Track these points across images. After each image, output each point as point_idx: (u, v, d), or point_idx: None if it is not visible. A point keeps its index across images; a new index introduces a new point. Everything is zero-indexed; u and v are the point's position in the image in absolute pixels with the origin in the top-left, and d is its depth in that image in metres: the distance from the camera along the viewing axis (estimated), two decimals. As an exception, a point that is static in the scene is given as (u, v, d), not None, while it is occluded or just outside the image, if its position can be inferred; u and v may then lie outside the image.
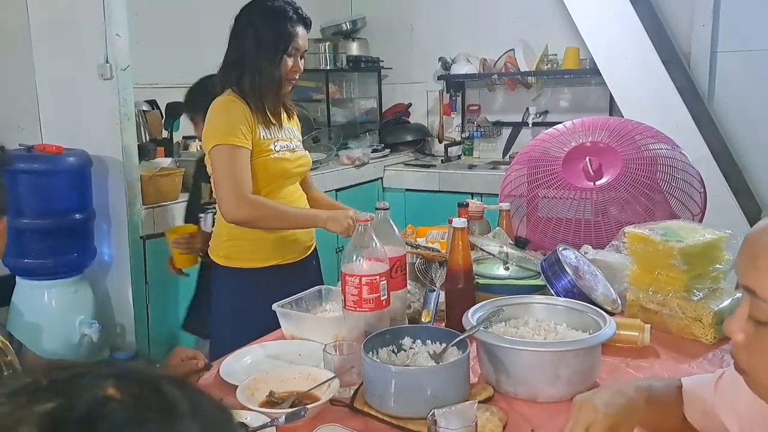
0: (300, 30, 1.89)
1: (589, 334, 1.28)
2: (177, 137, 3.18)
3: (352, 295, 1.34)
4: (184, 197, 2.61)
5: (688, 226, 1.63)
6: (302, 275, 2.00)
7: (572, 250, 1.64)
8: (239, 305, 1.96)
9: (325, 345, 1.32)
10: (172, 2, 3.29)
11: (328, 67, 3.93)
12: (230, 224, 1.86)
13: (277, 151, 1.92)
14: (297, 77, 1.94)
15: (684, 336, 1.47)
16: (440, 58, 3.96)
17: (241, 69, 1.89)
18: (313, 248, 2.06)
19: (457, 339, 1.23)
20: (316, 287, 1.68)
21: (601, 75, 3.47)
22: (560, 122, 3.69)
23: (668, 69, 3.06)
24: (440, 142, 4.01)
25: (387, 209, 1.45)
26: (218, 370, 1.37)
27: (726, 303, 1.48)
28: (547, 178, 2.02)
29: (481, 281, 1.60)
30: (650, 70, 2.94)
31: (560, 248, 1.61)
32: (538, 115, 3.80)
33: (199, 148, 2.90)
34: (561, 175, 1.99)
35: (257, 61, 1.87)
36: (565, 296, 1.50)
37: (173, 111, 3.06)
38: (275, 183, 1.92)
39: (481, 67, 3.83)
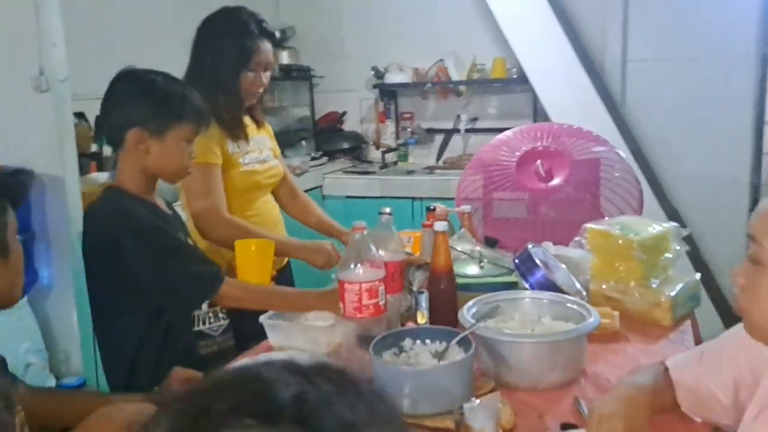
0: (263, 44, 1.89)
1: (574, 323, 1.41)
2: (106, 151, 3.10)
3: (352, 302, 1.40)
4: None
5: (638, 220, 1.80)
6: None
7: (539, 247, 1.77)
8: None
9: (327, 353, 1.37)
10: (101, 10, 3.22)
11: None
12: (204, 240, 1.86)
13: (246, 164, 1.94)
14: (261, 91, 1.94)
15: (645, 320, 1.63)
16: (373, 67, 4.06)
17: (203, 83, 1.87)
18: (285, 262, 2.08)
19: (459, 336, 1.31)
20: (300, 296, 1.72)
21: (526, 83, 3.70)
22: (489, 128, 3.98)
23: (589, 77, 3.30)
24: (377, 149, 4.11)
25: (390, 215, 1.51)
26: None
27: (679, 288, 1.65)
28: (503, 181, 2.15)
29: (460, 281, 1.69)
30: (575, 78, 3.16)
31: (530, 246, 1.74)
32: (469, 122, 3.96)
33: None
34: (515, 178, 2.13)
35: (218, 75, 1.86)
36: (539, 289, 1.62)
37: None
38: (247, 196, 1.94)
39: (414, 77, 3.95)
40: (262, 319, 1.58)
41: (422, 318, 1.47)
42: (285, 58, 4.14)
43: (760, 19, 3.32)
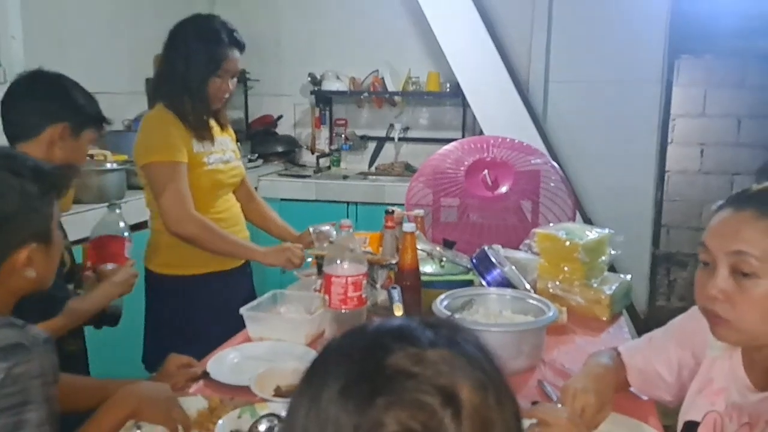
0: (232, 53, 1.98)
1: (533, 317, 1.58)
2: None
3: (338, 294, 1.51)
4: (78, 208, 2.54)
5: (579, 226, 2.02)
6: (238, 281, 2.11)
7: (492, 249, 1.95)
8: (178, 312, 2.01)
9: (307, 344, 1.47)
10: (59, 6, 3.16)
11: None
12: (170, 236, 1.92)
13: (211, 164, 2.01)
14: (227, 96, 2.03)
15: (587, 315, 1.84)
16: (310, 74, 4.15)
17: (171, 85, 1.96)
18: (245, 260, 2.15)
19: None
20: (271, 292, 1.80)
21: (457, 97, 3.93)
22: (421, 138, 4.16)
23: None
24: (313, 153, 4.19)
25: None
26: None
27: (615, 287, 1.87)
28: (452, 189, 2.32)
29: (423, 278, 1.83)
30: (506, 94, 3.41)
31: (485, 247, 1.91)
32: (401, 131, 4.14)
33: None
34: (464, 186, 2.30)
35: (186, 79, 1.94)
36: (496, 286, 1.79)
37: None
38: (210, 195, 2.01)
39: (350, 85, 4.08)
40: (242, 311, 1.65)
41: (399, 310, 1.60)
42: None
43: (665, 47, 3.70)
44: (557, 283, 1.87)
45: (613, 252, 1.95)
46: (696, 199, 4.64)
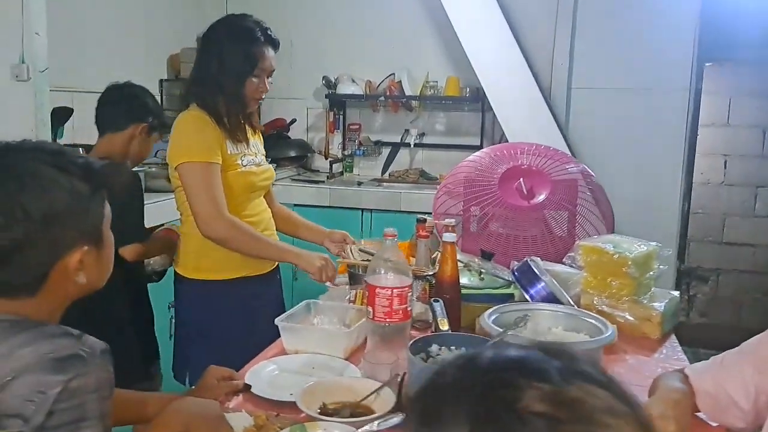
0: (267, 51, 1.92)
1: (586, 335, 1.48)
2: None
3: (383, 306, 1.40)
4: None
5: (624, 238, 1.91)
6: (268, 287, 2.05)
7: (534, 261, 1.85)
8: (207, 317, 1.95)
9: (365, 355, 1.37)
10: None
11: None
12: (201, 237, 1.86)
13: (244, 166, 1.94)
14: (263, 97, 1.97)
15: (635, 334, 1.74)
16: (324, 77, 4.06)
17: (206, 87, 1.91)
18: (275, 265, 2.08)
19: (490, 343, 1.35)
20: (304, 302, 1.71)
21: (476, 102, 3.84)
22: (437, 144, 4.06)
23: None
24: (326, 158, 4.09)
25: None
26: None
27: (665, 305, 1.77)
28: (485, 198, 2.22)
29: (463, 291, 1.73)
30: (531, 99, 3.31)
31: (528, 259, 1.81)
32: (417, 137, 4.04)
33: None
34: (498, 194, 2.20)
35: (222, 81, 1.88)
36: (540, 300, 1.69)
37: (59, 116, 2.84)
38: (242, 197, 1.94)
39: (366, 89, 3.99)
40: (278, 322, 1.56)
41: (445, 324, 1.50)
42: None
43: (694, 55, 3.62)
44: (603, 298, 1.77)
45: (660, 267, 1.85)
46: (719, 211, 4.55)
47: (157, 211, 2.58)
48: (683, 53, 3.65)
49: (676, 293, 1.88)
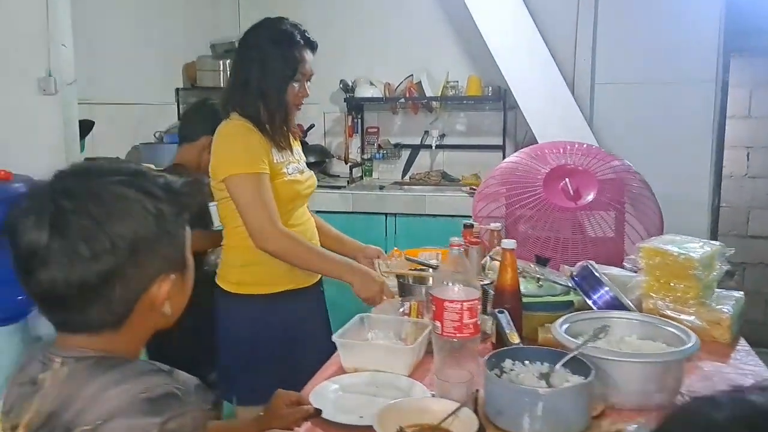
0: (307, 54, 1.87)
1: (662, 343, 1.41)
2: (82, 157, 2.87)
3: (452, 321, 1.33)
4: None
5: (683, 238, 1.84)
6: (311, 301, 1.99)
7: (592, 266, 1.77)
8: (251, 332, 1.88)
9: (436, 373, 1.30)
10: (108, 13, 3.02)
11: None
12: (245, 250, 1.81)
13: (290, 174, 1.89)
14: (303, 101, 1.91)
15: (703, 338, 1.66)
16: (341, 81, 3.99)
17: (247, 94, 1.84)
18: (318, 278, 2.01)
19: (568, 357, 1.28)
20: (358, 316, 1.63)
21: (497, 101, 3.77)
22: (458, 144, 3.98)
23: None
24: (346, 163, 4.02)
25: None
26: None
27: (732, 307, 1.69)
28: (530, 200, 2.14)
29: (523, 300, 1.66)
30: (558, 96, 3.23)
31: (588, 263, 1.73)
32: (438, 138, 3.97)
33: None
34: (543, 196, 2.13)
35: (263, 86, 1.82)
36: (605, 307, 1.61)
37: (81, 130, 2.77)
38: (288, 206, 1.88)
39: (385, 91, 3.92)
40: (335, 339, 1.49)
41: (515, 338, 1.42)
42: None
43: (720, 46, 3.54)
44: (668, 302, 1.70)
45: (724, 267, 1.77)
46: (743, 205, 4.48)
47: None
48: (708, 44, 3.57)
49: (741, 293, 1.80)
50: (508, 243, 1.59)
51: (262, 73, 1.81)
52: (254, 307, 1.87)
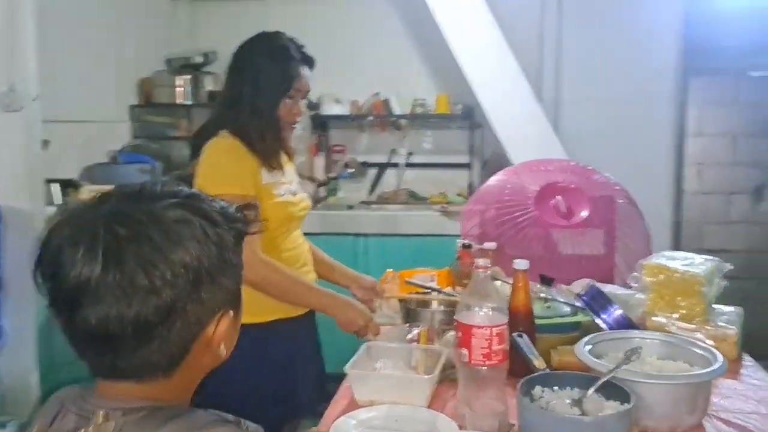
0: (303, 71, 1.78)
1: (684, 362, 1.38)
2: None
3: (481, 348, 1.26)
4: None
5: (686, 255, 1.84)
6: (303, 330, 1.87)
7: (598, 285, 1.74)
8: (240, 362, 1.74)
9: (466, 407, 1.22)
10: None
11: (189, 102, 3.63)
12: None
13: (281, 195, 1.78)
14: (298, 120, 1.81)
15: (711, 355, 1.65)
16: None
17: (238, 109, 1.73)
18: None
19: (600, 381, 1.23)
20: (365, 344, 1.55)
21: (464, 120, 3.77)
22: (426, 163, 3.95)
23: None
24: (313, 182, 3.92)
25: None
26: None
27: (737, 323, 1.69)
28: (521, 219, 2.11)
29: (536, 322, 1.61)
30: (530, 112, 3.25)
31: (593, 282, 1.70)
32: (406, 156, 3.93)
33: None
34: (536, 215, 2.10)
35: (255, 102, 1.72)
36: (617, 327, 1.58)
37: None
38: (280, 229, 1.77)
39: (352, 109, 3.86)
40: (347, 370, 1.40)
41: (542, 363, 1.37)
42: (208, 83, 3.86)
43: (677, 66, 3.65)
44: (674, 320, 1.68)
45: (723, 283, 1.78)
46: (697, 220, 4.61)
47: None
48: (665, 64, 3.68)
49: (740, 308, 1.81)
50: (521, 263, 1.54)
51: (254, 89, 1.71)
52: (243, 337, 1.75)
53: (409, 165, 4.02)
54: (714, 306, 1.79)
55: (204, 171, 1.70)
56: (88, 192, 2.45)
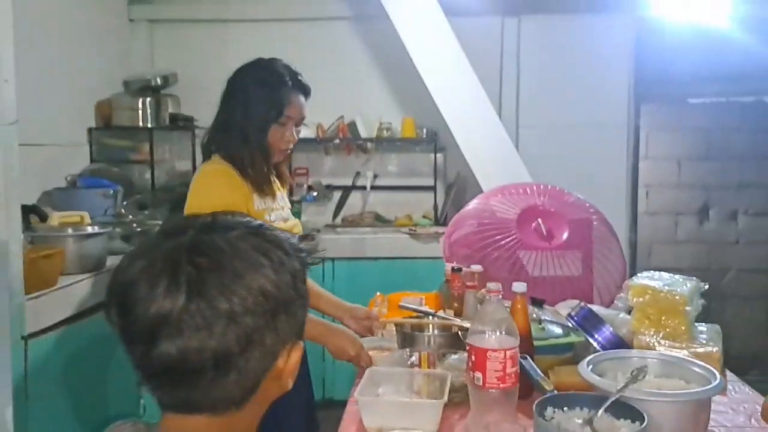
0: (296, 98, 1.78)
1: (679, 379, 1.44)
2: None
3: (495, 371, 1.28)
4: (65, 281, 2.12)
5: (659, 275, 1.91)
6: None
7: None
8: None
9: (483, 429, 1.23)
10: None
11: (150, 125, 3.55)
12: None
13: (273, 221, 1.76)
14: (291, 147, 1.80)
15: (696, 372, 1.72)
16: (268, 121, 3.88)
17: (229, 135, 1.73)
18: None
19: (610, 400, 1.26)
20: (368, 370, 1.54)
21: (429, 143, 3.84)
22: (391, 186, 3.98)
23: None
24: (276, 205, 3.88)
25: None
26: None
27: (718, 341, 1.77)
28: (504, 242, 2.16)
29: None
30: (497, 138, 3.32)
31: (582, 303, 1.75)
32: (372, 179, 3.95)
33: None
34: (518, 237, 2.15)
35: (245, 127, 1.72)
36: (609, 347, 1.63)
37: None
38: None
39: (318, 132, 3.86)
40: (357, 396, 1.39)
41: (549, 385, 1.39)
42: (170, 106, 3.79)
43: (631, 93, 3.83)
44: (660, 339, 1.75)
45: (701, 302, 1.86)
46: (646, 240, 4.80)
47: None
48: (619, 91, 3.85)
49: (717, 326, 1.89)
50: (519, 286, 1.57)
51: (245, 115, 1.71)
52: None
53: (375, 188, 4.03)
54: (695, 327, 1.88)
55: (196, 195, 1.68)
56: (57, 219, 2.35)
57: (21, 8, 1.97)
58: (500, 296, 1.33)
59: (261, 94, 1.72)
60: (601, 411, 1.26)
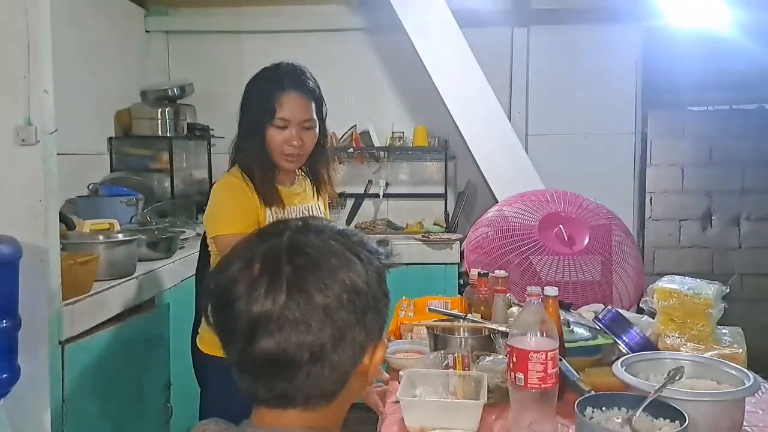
0: (292, 99, 1.71)
1: (712, 380, 1.49)
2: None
3: (537, 372, 1.33)
4: (98, 287, 2.17)
5: (681, 279, 1.96)
6: None
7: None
8: (227, 396, 1.74)
9: (527, 428, 1.28)
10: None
11: (169, 134, 3.60)
12: None
13: None
14: (294, 151, 1.73)
15: (721, 373, 1.77)
16: (283, 130, 3.93)
17: (238, 145, 1.77)
18: None
19: (648, 400, 1.31)
20: (405, 372, 1.58)
21: (440, 152, 3.90)
22: (403, 193, 4.03)
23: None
24: (292, 214, 3.94)
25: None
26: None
27: (742, 343, 1.82)
28: (526, 247, 2.21)
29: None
30: (510, 146, 3.38)
31: (611, 306, 1.80)
32: (384, 187, 4.01)
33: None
34: (541, 242, 2.21)
35: (243, 134, 1.75)
36: (637, 349, 1.68)
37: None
38: None
39: (332, 141, 3.90)
40: (398, 395, 1.43)
41: (587, 385, 1.44)
42: (188, 116, 3.85)
43: (638, 101, 3.90)
44: (685, 341, 1.80)
45: (722, 305, 1.91)
46: (649, 245, 4.86)
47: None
48: (627, 100, 3.93)
49: (739, 328, 1.95)
50: (551, 290, 1.62)
51: (243, 119, 1.74)
52: (222, 372, 1.73)
53: (387, 195, 4.09)
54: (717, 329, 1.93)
55: (208, 209, 1.74)
56: (88, 226, 2.39)
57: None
58: (540, 299, 1.38)
59: (255, 97, 1.72)
60: (639, 410, 1.31)
